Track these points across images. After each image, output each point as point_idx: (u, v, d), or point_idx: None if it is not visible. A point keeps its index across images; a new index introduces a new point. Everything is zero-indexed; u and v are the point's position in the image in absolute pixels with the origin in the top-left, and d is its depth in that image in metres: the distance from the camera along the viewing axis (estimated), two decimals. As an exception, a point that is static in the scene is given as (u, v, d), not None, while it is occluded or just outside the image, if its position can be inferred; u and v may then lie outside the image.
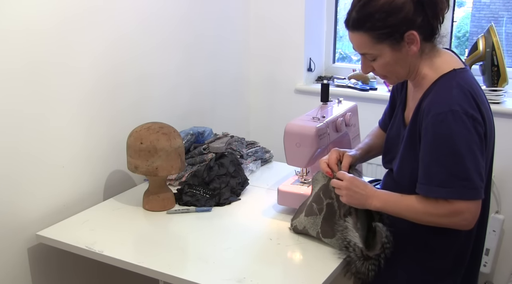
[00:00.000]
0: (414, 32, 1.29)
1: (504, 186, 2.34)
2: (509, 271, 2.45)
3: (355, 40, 1.35)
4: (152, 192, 1.78)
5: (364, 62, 1.38)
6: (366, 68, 1.39)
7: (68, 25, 1.70)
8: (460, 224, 1.30)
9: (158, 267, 1.42)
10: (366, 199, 1.38)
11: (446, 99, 1.27)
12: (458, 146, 1.24)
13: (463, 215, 1.27)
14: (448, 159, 1.25)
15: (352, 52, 3.12)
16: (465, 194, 1.26)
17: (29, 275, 1.70)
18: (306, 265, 1.47)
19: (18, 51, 1.56)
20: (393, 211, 1.37)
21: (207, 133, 2.15)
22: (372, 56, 1.34)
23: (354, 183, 1.40)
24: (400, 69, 1.36)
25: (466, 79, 1.32)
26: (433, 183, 1.28)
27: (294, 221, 1.60)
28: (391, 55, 1.32)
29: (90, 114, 1.84)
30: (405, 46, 1.31)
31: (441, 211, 1.29)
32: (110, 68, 1.89)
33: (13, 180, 1.61)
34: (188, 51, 2.29)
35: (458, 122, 1.24)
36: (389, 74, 1.39)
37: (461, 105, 1.25)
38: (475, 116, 1.26)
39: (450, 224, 1.31)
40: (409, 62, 1.35)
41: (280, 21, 2.69)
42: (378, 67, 1.36)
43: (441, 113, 1.25)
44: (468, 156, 1.24)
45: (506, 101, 2.35)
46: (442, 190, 1.27)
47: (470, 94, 1.28)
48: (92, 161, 1.87)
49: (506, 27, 2.61)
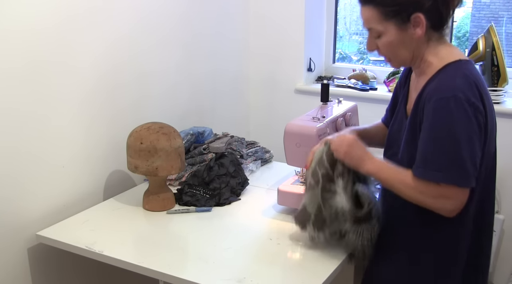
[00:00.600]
0: (421, 15, 1.30)
1: (504, 186, 2.34)
2: (509, 271, 2.45)
3: (364, 14, 1.37)
4: (152, 192, 1.78)
5: (370, 39, 1.40)
6: (371, 45, 1.41)
7: (67, 24, 1.70)
8: (445, 208, 1.31)
9: (158, 267, 1.42)
10: (363, 160, 1.39)
11: (450, 86, 1.28)
12: (457, 133, 1.25)
13: (450, 200, 1.29)
14: (447, 144, 1.27)
15: (352, 52, 3.12)
16: (458, 181, 1.27)
17: (29, 275, 1.70)
18: (306, 265, 1.46)
19: (18, 51, 1.56)
20: (384, 180, 1.38)
21: (207, 133, 2.15)
22: (377, 32, 1.36)
23: (356, 142, 1.42)
24: (404, 51, 1.37)
25: (471, 70, 1.34)
26: (430, 167, 1.29)
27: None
28: (396, 35, 1.34)
29: (90, 114, 1.84)
30: (410, 28, 1.33)
31: (431, 192, 1.30)
32: (110, 67, 1.89)
33: (13, 179, 1.61)
34: (188, 50, 2.29)
35: (459, 109, 1.25)
36: (393, 56, 1.40)
37: (464, 93, 1.26)
38: (477, 105, 1.27)
39: (435, 206, 1.32)
40: (413, 46, 1.36)
41: (280, 21, 2.69)
42: (382, 45, 1.38)
43: (443, 98, 1.26)
44: (465, 144, 1.26)
45: (506, 101, 2.35)
46: (437, 174, 1.28)
47: (474, 84, 1.29)
48: (92, 161, 1.87)
49: (506, 27, 2.61)
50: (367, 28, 1.39)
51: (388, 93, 2.54)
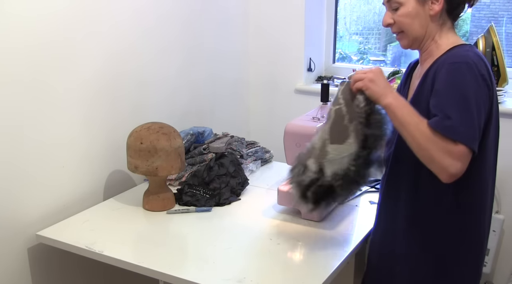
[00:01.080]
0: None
1: (504, 186, 2.34)
2: (509, 271, 2.45)
3: None
4: (152, 192, 1.78)
5: (388, 11, 1.43)
6: (387, 18, 1.43)
7: (68, 26, 1.70)
8: (450, 169, 1.27)
9: (158, 267, 1.42)
10: (385, 92, 1.35)
11: (462, 55, 1.32)
12: (469, 93, 1.27)
13: (458, 161, 1.26)
14: (460, 103, 1.27)
15: (352, 52, 3.12)
16: (470, 141, 1.26)
17: (29, 275, 1.70)
18: (306, 265, 1.47)
19: (19, 53, 1.56)
20: (400, 118, 1.33)
21: (207, 133, 2.15)
22: (396, 3, 1.39)
23: (382, 73, 1.40)
24: (418, 26, 1.39)
25: (479, 52, 1.38)
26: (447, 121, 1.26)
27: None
28: (414, 7, 1.38)
29: (90, 114, 1.84)
30: (428, 3, 1.37)
31: (444, 147, 1.26)
32: (110, 69, 1.89)
33: (13, 180, 1.61)
34: (188, 52, 2.29)
35: (471, 73, 1.28)
36: (406, 29, 1.41)
37: (475, 62, 1.30)
38: (485, 77, 1.30)
39: (442, 163, 1.27)
40: (427, 23, 1.39)
41: (280, 21, 2.69)
42: (399, 17, 1.40)
43: (456, 62, 1.30)
44: (474, 106, 1.27)
45: (506, 101, 2.35)
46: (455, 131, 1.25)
47: (483, 60, 1.33)
48: (92, 161, 1.87)
49: (506, 27, 2.61)
50: (386, 1, 1.42)
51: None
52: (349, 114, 1.40)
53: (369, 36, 3.13)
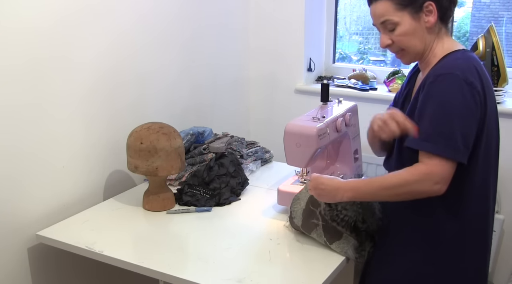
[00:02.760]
0: (432, 2, 1.35)
1: (504, 186, 2.34)
2: (509, 271, 2.45)
3: (378, 8, 1.39)
4: (152, 192, 1.78)
5: (383, 33, 1.42)
6: (385, 40, 1.42)
7: (67, 24, 1.70)
8: (432, 189, 1.30)
9: (158, 267, 1.42)
10: (336, 193, 1.42)
11: (449, 65, 1.33)
12: (449, 106, 1.28)
13: (435, 177, 1.29)
14: (437, 116, 1.29)
15: (352, 52, 3.12)
16: (446, 151, 1.28)
17: (29, 275, 1.70)
18: (306, 265, 1.47)
19: (17, 51, 1.56)
20: (367, 195, 1.40)
21: (207, 133, 2.15)
22: (392, 24, 1.38)
23: (319, 181, 1.45)
24: (418, 41, 1.39)
25: (473, 56, 1.39)
26: (420, 137, 1.31)
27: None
28: (410, 24, 1.37)
29: (90, 114, 1.84)
30: (423, 17, 1.37)
31: (415, 176, 1.30)
32: (109, 67, 1.89)
33: (13, 180, 1.61)
34: (188, 51, 2.29)
35: (454, 85, 1.29)
36: (407, 47, 1.41)
37: (462, 72, 1.30)
38: (475, 84, 1.30)
39: (423, 190, 1.31)
40: (425, 36, 1.39)
41: (280, 21, 2.69)
42: (397, 37, 1.40)
43: (441, 74, 1.31)
44: (456, 117, 1.28)
45: (506, 101, 2.35)
46: (427, 144, 1.30)
47: (474, 67, 1.33)
48: (92, 161, 1.87)
49: (506, 27, 2.61)
50: (381, 22, 1.40)
51: (388, 93, 2.54)
52: (326, 216, 1.49)
53: (369, 36, 3.13)
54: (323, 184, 1.44)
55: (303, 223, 1.55)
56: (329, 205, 1.48)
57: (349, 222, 1.46)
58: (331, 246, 1.49)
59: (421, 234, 1.43)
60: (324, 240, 1.51)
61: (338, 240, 1.48)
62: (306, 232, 1.55)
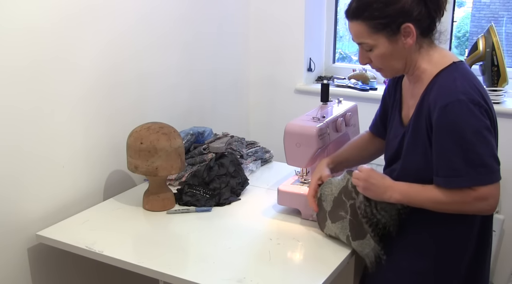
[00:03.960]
0: (411, 24, 1.31)
1: (504, 186, 2.31)
2: (509, 271, 2.45)
3: (354, 29, 1.37)
4: (152, 192, 1.78)
5: (361, 52, 1.40)
6: (363, 59, 1.40)
7: (67, 24, 1.70)
8: (484, 209, 1.31)
9: (158, 267, 1.42)
10: (385, 191, 1.37)
11: (451, 90, 1.28)
12: (466, 133, 1.25)
13: (487, 200, 1.29)
14: (459, 147, 1.26)
15: (352, 52, 3.12)
16: (483, 180, 1.27)
17: (29, 275, 1.70)
18: (306, 265, 1.47)
19: (17, 51, 1.56)
20: (415, 203, 1.36)
21: (207, 133, 2.15)
22: (368, 46, 1.36)
23: (371, 175, 1.39)
24: (396, 62, 1.37)
25: (467, 70, 1.35)
26: (450, 174, 1.28)
27: (325, 229, 1.57)
28: (387, 47, 1.34)
29: (91, 114, 1.84)
30: (401, 39, 1.33)
31: (466, 199, 1.29)
32: (109, 67, 1.89)
33: (13, 179, 1.61)
34: (188, 50, 2.29)
35: (464, 110, 1.25)
36: (385, 67, 1.40)
37: (466, 94, 1.27)
38: (482, 103, 1.28)
39: (475, 210, 1.32)
40: (405, 55, 1.36)
41: (280, 21, 2.69)
42: (375, 58, 1.37)
43: (448, 104, 1.27)
44: (478, 141, 1.26)
45: (506, 101, 2.35)
46: (459, 180, 1.27)
47: (473, 84, 1.30)
48: (92, 161, 1.87)
49: (506, 27, 2.61)
50: (358, 43, 1.38)
51: (388, 93, 2.54)
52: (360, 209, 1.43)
53: (369, 36, 3.12)
54: (375, 179, 1.38)
55: (331, 210, 1.52)
56: (368, 201, 1.41)
57: (379, 225, 1.41)
58: (353, 243, 1.47)
59: (422, 236, 1.43)
60: (347, 235, 1.47)
61: (362, 239, 1.45)
62: (331, 220, 1.52)
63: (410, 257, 1.44)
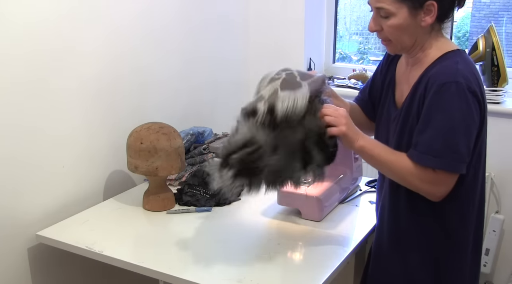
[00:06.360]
0: (435, 3, 1.30)
1: (504, 186, 2.34)
2: (509, 271, 2.45)
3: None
4: (152, 192, 1.78)
5: (375, 18, 1.37)
6: (376, 25, 1.37)
7: (67, 25, 1.70)
8: (433, 194, 1.33)
9: (158, 267, 1.42)
10: (357, 135, 1.35)
11: (452, 71, 1.29)
12: (455, 118, 1.27)
13: (442, 186, 1.31)
14: (444, 130, 1.28)
15: (352, 52, 3.12)
16: (451, 166, 1.28)
17: (29, 275, 1.70)
18: (306, 265, 1.47)
19: (21, 56, 1.56)
20: (377, 157, 1.35)
21: (207, 133, 2.15)
22: (387, 12, 1.33)
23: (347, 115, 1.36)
24: (407, 37, 1.36)
25: (469, 59, 1.36)
26: (426, 152, 1.29)
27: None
28: (405, 19, 1.32)
29: (91, 114, 1.84)
30: (421, 15, 1.32)
31: (426, 177, 1.30)
32: (110, 70, 1.89)
33: (13, 180, 1.61)
34: (188, 51, 2.29)
35: (460, 94, 1.26)
36: (395, 40, 1.37)
37: (465, 79, 1.27)
38: (477, 93, 1.29)
39: (427, 191, 1.33)
40: (417, 33, 1.35)
41: (280, 21, 2.69)
42: (388, 27, 1.34)
43: (446, 83, 1.27)
44: (462, 129, 1.27)
45: (506, 101, 2.35)
46: (433, 160, 1.28)
47: (473, 73, 1.31)
48: (92, 161, 1.87)
49: (506, 27, 2.61)
50: (376, 7, 1.35)
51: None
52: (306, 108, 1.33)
53: (369, 36, 3.13)
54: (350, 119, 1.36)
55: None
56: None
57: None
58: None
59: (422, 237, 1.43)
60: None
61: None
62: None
63: (407, 255, 1.45)
